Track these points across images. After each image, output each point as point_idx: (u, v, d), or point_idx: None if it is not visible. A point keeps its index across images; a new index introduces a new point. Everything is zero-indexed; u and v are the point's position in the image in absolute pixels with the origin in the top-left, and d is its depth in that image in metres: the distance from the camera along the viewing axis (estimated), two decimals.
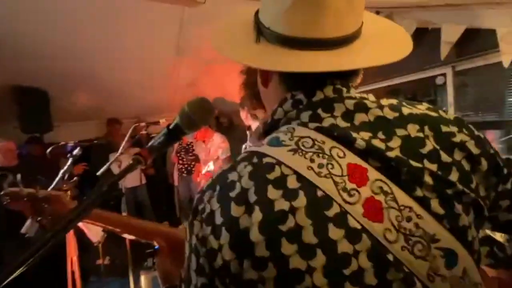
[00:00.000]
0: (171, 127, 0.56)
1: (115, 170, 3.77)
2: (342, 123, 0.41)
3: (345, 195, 0.36)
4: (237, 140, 3.91)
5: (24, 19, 2.43)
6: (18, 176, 0.82)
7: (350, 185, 0.36)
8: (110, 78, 3.39)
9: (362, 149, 0.39)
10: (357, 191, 0.36)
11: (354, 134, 0.40)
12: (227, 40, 0.53)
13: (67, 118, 3.73)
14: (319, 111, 0.43)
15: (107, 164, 1.94)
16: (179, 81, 3.80)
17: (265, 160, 0.39)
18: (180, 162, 4.10)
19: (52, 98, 3.30)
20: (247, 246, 0.35)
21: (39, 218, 0.71)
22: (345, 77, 0.46)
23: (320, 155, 0.38)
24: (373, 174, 0.37)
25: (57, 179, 1.41)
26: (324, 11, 0.42)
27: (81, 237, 3.30)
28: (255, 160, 0.40)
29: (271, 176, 0.37)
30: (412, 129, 0.40)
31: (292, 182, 0.37)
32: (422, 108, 0.43)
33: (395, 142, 0.39)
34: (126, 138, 1.84)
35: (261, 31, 0.47)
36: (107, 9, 2.48)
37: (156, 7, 2.49)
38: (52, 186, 1.43)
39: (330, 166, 0.37)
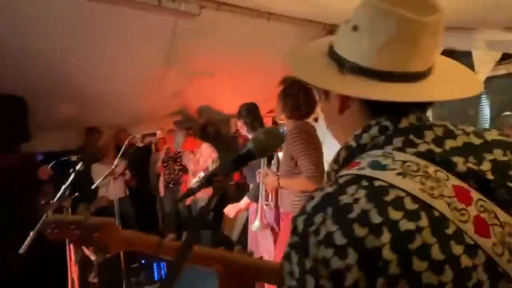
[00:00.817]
0: (242, 153, 0.60)
1: (96, 179, 3.61)
2: (436, 149, 0.45)
3: (457, 214, 0.40)
4: (223, 149, 3.93)
5: (3, 24, 2.32)
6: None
7: (459, 205, 0.41)
8: (93, 86, 3.28)
9: (463, 172, 0.43)
10: (466, 210, 0.41)
11: (452, 159, 0.44)
12: (307, 68, 0.58)
13: (45, 128, 3.55)
14: (411, 137, 0.47)
15: (102, 177, 1.88)
16: (164, 91, 3.77)
17: (377, 183, 0.42)
18: (167, 172, 4.01)
19: (30, 106, 3.13)
20: (378, 265, 0.38)
21: (84, 246, 0.70)
22: (424, 106, 0.52)
23: (428, 178, 0.42)
24: (475, 194, 0.42)
25: (59, 194, 1.36)
26: (416, 49, 0.48)
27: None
28: (365, 183, 0.43)
29: (388, 198, 0.41)
30: (498, 154, 0.46)
31: (409, 204, 0.40)
32: (495, 134, 0.50)
33: (486, 166, 0.44)
34: (122, 150, 1.81)
35: (342, 64, 0.52)
36: (95, 16, 2.44)
37: (150, 17, 2.50)
38: (55, 200, 1.37)
39: (439, 188, 0.42)
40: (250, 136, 2.47)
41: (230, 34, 3.02)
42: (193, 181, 3.44)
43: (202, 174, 3.19)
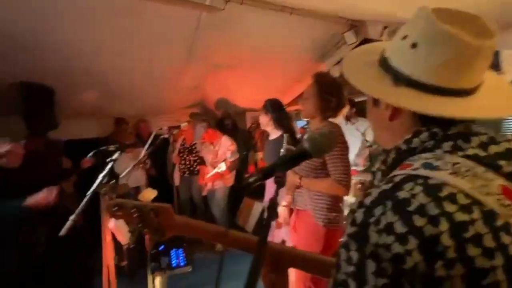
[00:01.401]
0: (298, 152, 0.65)
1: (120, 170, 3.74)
2: (482, 153, 0.51)
3: (505, 209, 0.46)
4: (240, 143, 3.98)
5: (35, 17, 2.42)
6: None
7: (506, 202, 0.46)
8: (116, 77, 3.38)
9: (508, 172, 0.49)
10: None
11: (497, 162, 0.50)
12: (362, 76, 0.62)
13: (71, 116, 3.69)
14: (459, 142, 0.52)
15: (129, 168, 1.95)
16: (185, 84, 3.83)
17: (431, 181, 0.48)
18: (182, 162, 4.12)
19: (58, 96, 3.26)
20: (437, 250, 0.43)
21: (143, 229, 0.74)
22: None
23: (477, 178, 0.48)
24: None
25: (97, 182, 1.44)
26: (470, 70, 0.54)
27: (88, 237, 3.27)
28: (420, 181, 0.48)
29: (442, 194, 0.46)
30: None
31: (462, 199, 0.46)
32: None
33: None
34: (149, 141, 1.88)
35: (398, 77, 0.57)
36: (120, 10, 2.50)
37: (174, 10, 2.54)
38: (93, 188, 1.46)
39: (487, 187, 0.47)
40: (274, 132, 2.47)
41: (253, 28, 3.04)
42: (211, 172, 3.51)
43: (223, 165, 3.25)
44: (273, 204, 0.54)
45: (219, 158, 3.50)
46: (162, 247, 3.27)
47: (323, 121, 1.79)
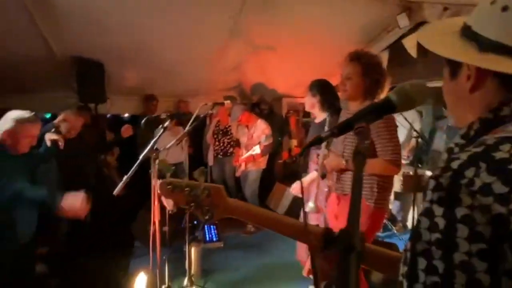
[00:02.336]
0: (381, 102, 0.60)
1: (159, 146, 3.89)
2: None
3: None
4: (275, 128, 3.96)
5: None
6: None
7: None
8: (162, 56, 3.46)
9: None
10: None
11: None
12: (445, 45, 0.59)
13: (118, 92, 3.87)
14: None
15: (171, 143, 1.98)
16: (224, 64, 3.83)
17: None
18: (217, 143, 4.17)
19: (107, 71, 3.42)
20: None
21: (194, 208, 0.74)
22: None
23: None
24: None
25: (149, 147, 1.51)
26: None
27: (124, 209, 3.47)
28: None
29: None
30: None
31: None
32: None
33: None
34: (193, 117, 1.92)
35: (485, 42, 0.54)
36: None
37: None
38: (145, 152, 1.54)
39: None
40: (320, 115, 2.36)
41: (298, 9, 2.95)
42: (245, 154, 3.53)
43: (257, 147, 3.25)
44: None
45: (253, 141, 3.51)
46: (196, 221, 3.40)
47: (365, 102, 1.68)
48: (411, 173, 2.78)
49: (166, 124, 1.68)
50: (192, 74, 3.95)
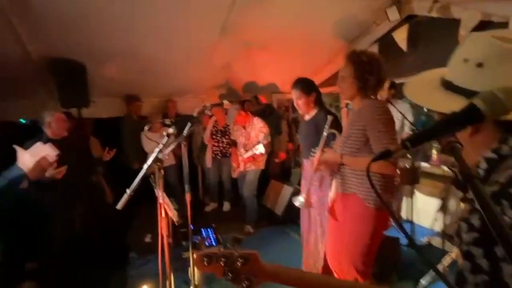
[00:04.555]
0: (464, 112, 0.51)
1: (146, 146, 3.72)
2: None
3: None
4: (272, 125, 3.90)
5: None
6: None
7: None
8: (149, 55, 3.30)
9: None
10: None
11: None
12: (435, 101, 0.67)
13: (101, 94, 3.67)
14: None
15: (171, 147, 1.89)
16: (214, 62, 3.72)
17: None
18: (215, 144, 4.05)
19: (89, 72, 3.23)
20: None
21: (229, 277, 0.72)
22: None
23: None
24: None
25: (152, 156, 1.41)
26: None
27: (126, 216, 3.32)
28: None
29: None
30: None
31: None
32: None
33: None
34: (186, 131, 1.82)
35: (471, 95, 0.58)
36: None
37: None
38: (149, 164, 1.44)
39: None
40: (310, 113, 2.35)
41: (291, 5, 2.88)
42: (245, 155, 3.44)
43: (261, 146, 3.16)
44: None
45: (252, 140, 3.43)
46: (192, 227, 3.29)
47: (364, 100, 1.66)
48: (407, 166, 2.80)
49: (171, 130, 1.57)
50: (180, 73, 3.81)
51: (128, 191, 1.35)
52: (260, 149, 3.14)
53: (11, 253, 1.99)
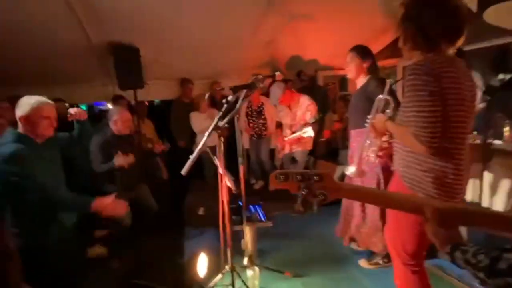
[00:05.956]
0: None
1: (195, 126, 3.82)
2: None
3: None
4: (318, 101, 3.76)
5: None
6: None
7: None
8: (192, 36, 3.35)
9: None
10: None
11: None
12: None
13: (153, 77, 3.83)
14: None
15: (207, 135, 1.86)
16: (259, 37, 3.64)
17: None
18: (251, 125, 3.97)
19: (143, 56, 3.37)
20: None
21: (303, 192, 0.77)
22: None
23: None
24: None
25: (213, 124, 1.44)
26: None
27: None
28: None
29: None
30: None
31: None
32: None
33: None
34: (239, 102, 1.80)
35: None
36: None
37: None
38: (211, 129, 1.48)
39: None
40: (360, 80, 2.22)
41: None
42: (291, 136, 3.37)
43: (310, 129, 3.07)
44: None
45: (297, 120, 3.34)
46: (240, 202, 3.37)
47: (424, 55, 1.26)
48: (478, 141, 2.52)
49: (230, 98, 1.58)
50: (225, 52, 3.81)
51: (191, 157, 1.40)
52: (309, 132, 3.04)
53: (83, 222, 2.20)
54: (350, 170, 1.92)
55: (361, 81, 2.22)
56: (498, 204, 2.84)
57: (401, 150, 1.36)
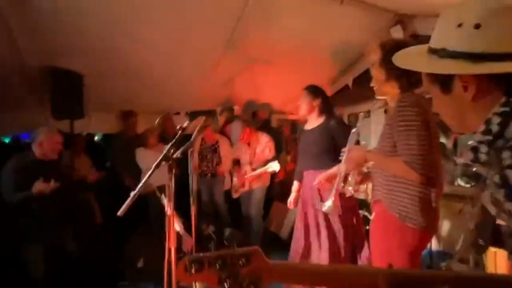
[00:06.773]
0: None
1: (141, 163, 3.48)
2: None
3: None
4: (273, 142, 3.75)
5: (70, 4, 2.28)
6: None
7: None
8: (147, 67, 3.21)
9: None
10: None
11: None
12: (435, 66, 0.66)
13: (96, 108, 3.48)
14: None
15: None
16: (216, 78, 3.65)
17: None
18: (204, 163, 3.79)
19: (87, 84, 3.07)
20: None
21: (227, 286, 0.55)
22: None
23: None
24: None
25: (163, 153, 1.23)
26: None
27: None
28: None
29: None
30: None
31: None
32: None
33: None
34: (194, 134, 1.68)
35: (474, 56, 0.60)
36: None
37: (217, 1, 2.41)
38: (153, 167, 1.27)
39: None
40: (315, 120, 2.28)
41: (300, 18, 2.88)
42: (251, 173, 3.26)
43: (275, 164, 3.00)
44: None
45: (258, 157, 3.28)
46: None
47: (403, 93, 1.40)
48: None
49: (186, 124, 1.41)
50: (180, 88, 3.70)
51: (131, 194, 1.16)
52: (274, 166, 2.98)
53: None
54: (327, 205, 1.79)
55: (314, 121, 2.28)
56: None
57: (382, 179, 1.41)
